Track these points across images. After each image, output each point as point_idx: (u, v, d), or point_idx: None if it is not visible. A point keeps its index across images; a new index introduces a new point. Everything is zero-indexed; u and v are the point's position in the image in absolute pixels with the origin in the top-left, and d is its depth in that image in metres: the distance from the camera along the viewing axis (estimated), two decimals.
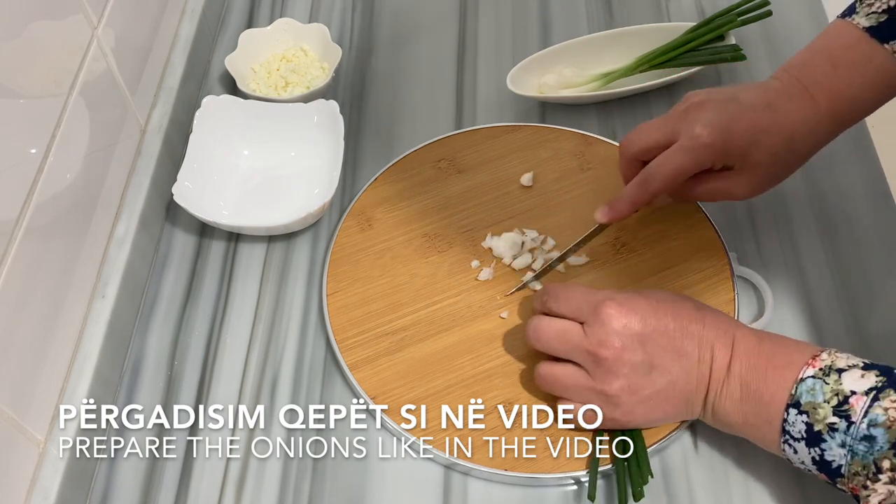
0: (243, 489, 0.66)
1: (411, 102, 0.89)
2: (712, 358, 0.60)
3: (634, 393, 0.61)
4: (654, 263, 0.75)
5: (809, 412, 0.56)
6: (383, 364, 0.70)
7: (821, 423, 0.56)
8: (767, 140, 0.67)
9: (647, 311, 0.61)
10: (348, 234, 0.78)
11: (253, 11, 0.98)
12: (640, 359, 0.60)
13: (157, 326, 0.74)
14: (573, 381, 0.63)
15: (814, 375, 0.57)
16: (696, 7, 0.96)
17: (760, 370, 0.59)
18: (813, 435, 0.56)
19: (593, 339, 0.61)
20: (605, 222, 0.73)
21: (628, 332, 0.60)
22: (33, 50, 0.62)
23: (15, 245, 0.58)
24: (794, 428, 0.57)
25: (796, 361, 0.58)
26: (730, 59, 0.85)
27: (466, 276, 0.75)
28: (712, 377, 0.60)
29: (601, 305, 0.61)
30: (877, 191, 0.80)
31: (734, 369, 0.60)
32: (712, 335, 0.61)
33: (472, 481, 0.65)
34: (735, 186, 0.70)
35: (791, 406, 0.57)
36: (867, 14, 0.68)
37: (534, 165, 0.81)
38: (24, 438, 0.60)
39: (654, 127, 0.70)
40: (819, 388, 0.56)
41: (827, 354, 0.58)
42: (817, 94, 0.68)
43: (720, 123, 0.67)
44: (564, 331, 0.63)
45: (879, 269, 0.75)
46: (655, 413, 0.63)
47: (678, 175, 0.68)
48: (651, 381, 0.61)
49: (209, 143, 0.81)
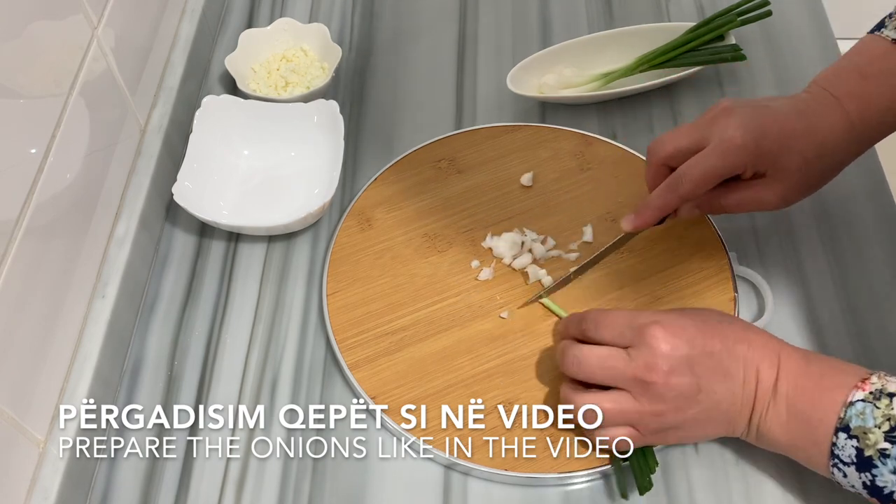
0: (243, 489, 0.66)
1: (411, 102, 0.89)
2: (758, 379, 0.59)
3: (680, 412, 0.60)
4: (654, 263, 0.74)
5: (860, 437, 0.55)
6: (383, 364, 0.70)
7: (871, 449, 0.55)
8: (799, 145, 0.66)
9: (693, 332, 0.60)
10: (348, 233, 0.78)
11: (253, 11, 0.98)
12: (688, 382, 0.59)
13: (157, 326, 0.74)
14: (620, 410, 0.61)
15: (864, 399, 0.56)
16: (696, 7, 0.96)
17: (808, 392, 0.58)
18: (863, 460, 0.55)
19: (640, 363, 0.59)
20: (632, 230, 0.71)
21: (676, 354, 0.59)
22: (33, 50, 0.62)
23: (15, 245, 0.58)
24: (844, 452, 0.56)
25: (845, 384, 0.57)
26: (730, 59, 0.85)
27: (466, 276, 0.75)
28: (757, 398, 0.60)
29: (647, 328, 0.60)
30: (877, 191, 0.80)
31: (780, 390, 0.59)
32: (758, 355, 0.60)
33: (472, 481, 0.65)
34: (766, 194, 0.68)
35: (840, 430, 0.56)
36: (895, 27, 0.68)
37: (534, 165, 0.81)
38: (24, 438, 0.60)
39: (683, 132, 0.68)
40: (870, 412, 0.55)
41: (877, 378, 0.57)
42: (847, 104, 0.67)
43: (752, 126, 0.66)
44: (609, 356, 0.61)
45: (880, 269, 0.75)
46: (696, 432, 0.62)
47: (709, 178, 0.66)
48: (697, 402, 0.60)
49: (209, 143, 0.81)
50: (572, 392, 0.63)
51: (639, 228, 0.71)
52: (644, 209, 0.70)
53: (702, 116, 0.69)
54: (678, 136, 0.68)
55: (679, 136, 0.68)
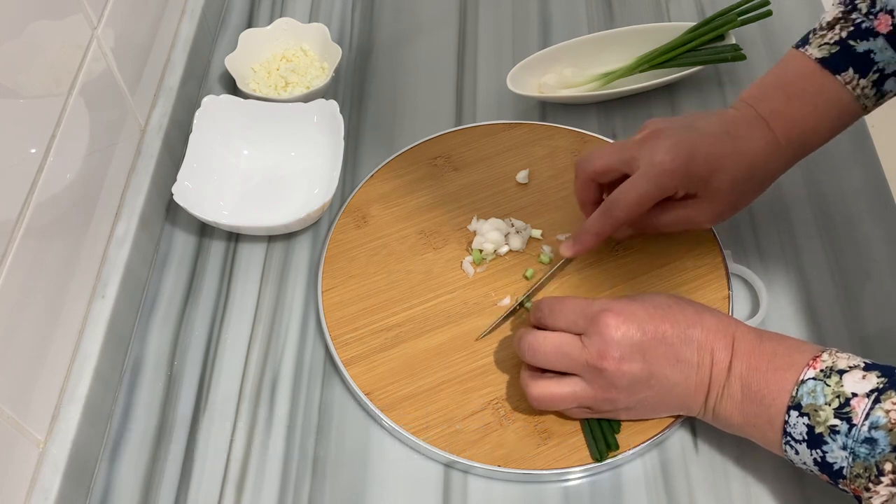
0: (243, 489, 0.66)
1: (411, 102, 0.89)
2: (712, 361, 0.60)
3: (631, 397, 0.62)
4: (648, 261, 0.75)
5: (810, 414, 0.56)
6: (378, 360, 0.70)
7: (822, 426, 0.55)
8: (728, 166, 0.67)
9: (644, 318, 0.61)
10: (344, 230, 0.78)
11: (253, 11, 0.98)
12: (640, 367, 0.60)
13: (157, 326, 0.74)
14: (573, 396, 0.62)
15: (815, 377, 0.57)
16: (696, 7, 0.96)
17: (761, 371, 0.59)
18: (814, 437, 0.56)
19: (592, 350, 0.60)
20: (571, 256, 0.72)
21: (627, 341, 0.60)
22: (33, 50, 0.62)
23: (15, 245, 0.58)
24: (796, 430, 0.57)
25: (797, 362, 0.58)
26: (730, 58, 0.85)
27: (461, 273, 0.75)
28: (712, 380, 0.60)
29: (599, 316, 0.61)
30: (877, 191, 0.80)
31: (735, 370, 0.60)
32: (711, 337, 0.61)
33: (472, 479, 0.65)
34: (698, 214, 0.70)
35: (792, 408, 0.57)
36: (819, 45, 0.69)
37: (530, 163, 0.82)
38: (24, 438, 0.60)
39: (611, 150, 0.69)
40: (820, 389, 0.56)
41: (828, 355, 0.58)
42: (773, 123, 0.68)
43: (682, 150, 0.67)
44: (562, 344, 0.62)
45: (879, 268, 0.75)
46: (648, 413, 0.64)
47: (642, 202, 0.68)
48: (649, 386, 0.61)
49: (209, 143, 0.81)
50: (529, 378, 0.64)
51: (578, 254, 0.72)
52: (582, 235, 0.71)
53: (631, 137, 0.70)
54: (608, 153, 0.69)
55: (609, 154, 0.69)
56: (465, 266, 0.75)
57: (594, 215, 0.70)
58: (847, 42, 0.67)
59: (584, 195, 0.72)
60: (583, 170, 0.71)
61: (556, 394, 0.62)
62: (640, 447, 0.65)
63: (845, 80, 0.67)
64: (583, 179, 0.71)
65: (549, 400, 0.63)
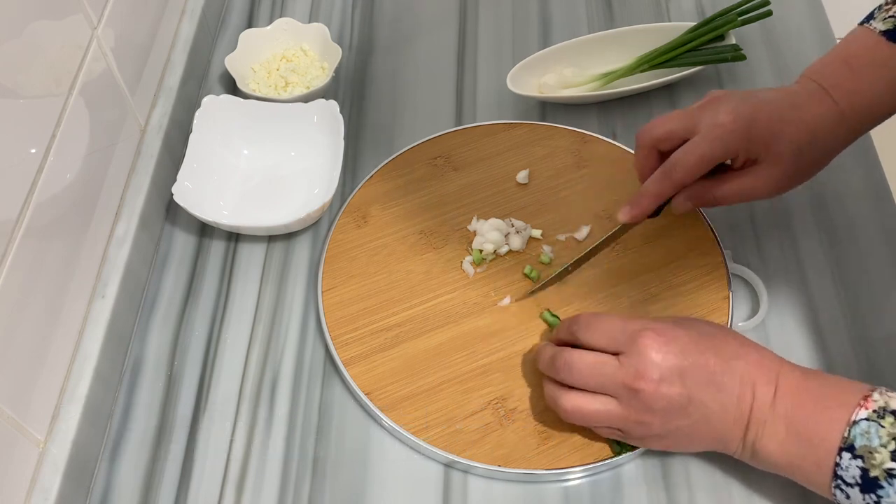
0: (243, 489, 0.66)
1: (411, 103, 0.89)
2: (753, 396, 0.58)
3: (666, 424, 0.59)
4: (648, 261, 0.75)
5: (865, 457, 0.54)
6: (378, 360, 0.70)
7: (877, 469, 0.53)
8: (790, 132, 0.66)
9: (687, 343, 0.59)
10: (344, 230, 0.78)
11: (253, 11, 0.98)
12: (678, 392, 0.58)
13: (157, 326, 0.74)
14: (606, 415, 0.60)
15: (868, 418, 0.54)
16: (696, 7, 0.96)
17: (808, 410, 0.56)
18: (869, 481, 0.53)
19: (630, 370, 0.58)
20: (629, 221, 0.71)
21: (667, 364, 0.58)
22: (33, 50, 0.62)
23: (15, 245, 0.58)
24: (848, 473, 0.54)
25: (848, 402, 0.55)
26: (730, 58, 0.85)
27: (461, 272, 0.75)
28: (752, 416, 0.58)
29: (639, 335, 0.59)
30: (877, 191, 0.80)
31: (779, 408, 0.57)
32: (755, 371, 0.58)
33: (472, 479, 0.65)
34: (759, 182, 0.68)
35: (844, 450, 0.54)
36: (884, 19, 0.68)
37: (530, 163, 0.82)
38: (24, 438, 0.60)
39: (674, 117, 0.69)
40: (874, 431, 0.54)
41: (879, 395, 0.55)
42: (836, 95, 0.67)
43: (743, 112, 0.66)
44: (599, 363, 0.60)
45: (879, 268, 0.75)
46: (681, 444, 0.61)
47: (703, 163, 0.66)
48: (686, 414, 0.59)
49: (209, 143, 0.81)
50: (558, 391, 0.62)
51: (636, 219, 0.71)
52: (640, 198, 0.70)
53: (693, 105, 0.69)
54: (669, 120, 0.69)
55: (670, 121, 0.69)
56: (465, 266, 0.75)
57: (654, 177, 0.69)
58: None
59: (644, 164, 0.71)
60: (644, 137, 0.70)
61: (588, 409, 0.60)
62: (640, 447, 0.65)
63: None
64: (645, 147, 0.70)
65: (581, 415, 0.61)
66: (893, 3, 0.69)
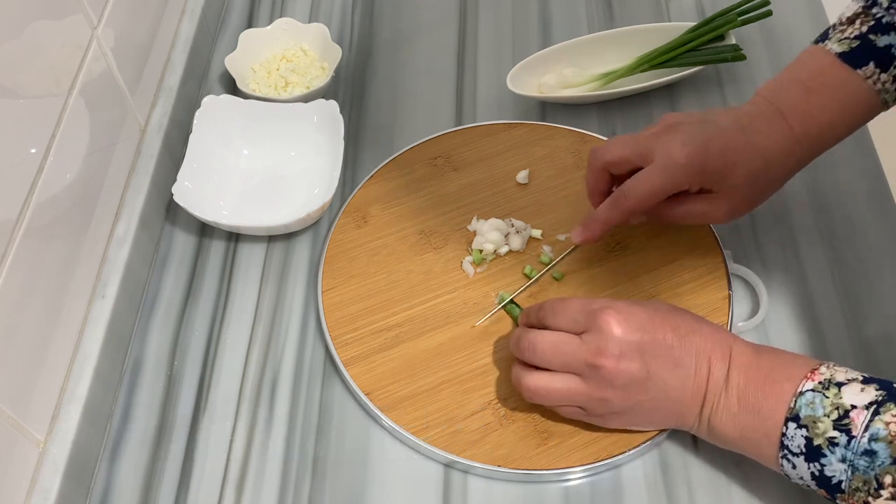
0: (243, 489, 0.66)
1: (411, 102, 0.89)
2: (709, 370, 0.60)
3: (626, 399, 0.61)
4: (648, 261, 0.75)
5: (809, 426, 0.55)
6: (378, 360, 0.70)
7: (821, 438, 0.55)
8: (744, 162, 0.67)
9: (645, 320, 0.61)
10: (344, 230, 0.78)
11: (253, 11, 0.98)
12: (638, 367, 0.60)
13: (157, 326, 0.74)
14: (568, 392, 0.62)
15: (813, 389, 0.56)
16: (696, 7, 0.96)
17: (759, 383, 0.58)
18: (812, 449, 0.55)
19: (591, 346, 0.60)
20: (580, 243, 0.72)
21: (627, 339, 0.60)
22: (33, 50, 0.62)
23: (15, 245, 0.58)
24: (794, 442, 0.56)
25: (795, 375, 0.57)
26: (730, 58, 0.85)
27: (461, 272, 0.75)
28: (709, 390, 0.60)
29: (599, 313, 0.61)
30: (877, 191, 0.80)
31: (732, 381, 0.59)
32: (710, 346, 0.60)
33: (472, 478, 0.65)
34: (712, 209, 0.69)
35: (790, 420, 0.56)
36: (839, 40, 0.68)
37: (530, 163, 0.82)
38: (24, 438, 0.60)
39: (626, 141, 0.69)
40: (819, 401, 0.55)
41: (826, 368, 0.57)
42: (791, 118, 0.68)
43: (696, 144, 0.66)
44: (561, 342, 0.62)
45: (879, 268, 0.75)
46: (641, 419, 0.63)
47: (654, 195, 0.67)
48: (645, 389, 0.60)
49: (209, 143, 0.81)
50: (523, 371, 0.63)
51: (587, 242, 0.72)
52: (591, 223, 0.71)
53: (646, 129, 0.70)
54: (622, 146, 0.69)
55: (623, 146, 0.69)
56: (465, 266, 0.75)
57: (605, 204, 0.69)
58: (867, 36, 0.67)
59: (594, 185, 0.71)
60: (596, 159, 0.70)
61: (550, 387, 0.62)
62: (640, 447, 0.65)
63: (866, 75, 0.67)
64: (596, 169, 0.70)
65: (544, 393, 0.62)
66: (849, 23, 0.69)
